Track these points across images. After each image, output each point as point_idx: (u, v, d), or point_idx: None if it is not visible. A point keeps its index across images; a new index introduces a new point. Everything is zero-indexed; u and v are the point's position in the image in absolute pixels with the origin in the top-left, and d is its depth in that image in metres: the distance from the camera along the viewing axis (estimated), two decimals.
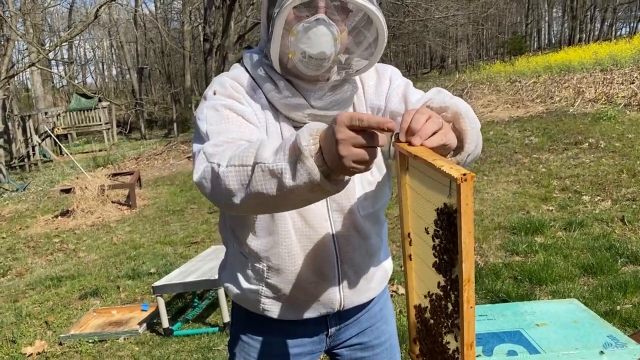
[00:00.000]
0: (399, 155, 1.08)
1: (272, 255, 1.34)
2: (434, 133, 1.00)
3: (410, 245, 1.15)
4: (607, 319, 1.92)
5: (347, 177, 1.00)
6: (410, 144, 0.99)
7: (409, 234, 1.14)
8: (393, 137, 1.04)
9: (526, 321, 1.88)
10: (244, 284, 1.41)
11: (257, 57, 1.33)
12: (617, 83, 12.40)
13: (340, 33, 1.19)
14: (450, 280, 0.99)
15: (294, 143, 0.96)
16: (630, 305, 3.42)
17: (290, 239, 1.32)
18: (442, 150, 1.01)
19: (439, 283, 1.03)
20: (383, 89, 1.36)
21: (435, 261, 1.04)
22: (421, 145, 0.97)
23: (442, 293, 1.03)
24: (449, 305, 1.01)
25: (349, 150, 0.91)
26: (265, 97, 1.30)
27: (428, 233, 1.04)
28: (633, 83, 11.89)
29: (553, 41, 47.66)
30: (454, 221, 0.94)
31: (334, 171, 0.95)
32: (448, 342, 1.05)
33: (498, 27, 38.31)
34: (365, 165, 0.93)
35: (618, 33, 40.63)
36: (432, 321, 1.10)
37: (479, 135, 1.17)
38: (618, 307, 3.38)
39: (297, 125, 1.29)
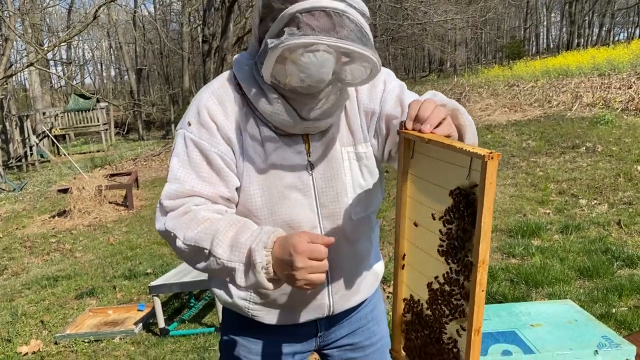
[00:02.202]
0: (404, 144, 1.09)
1: None
2: (440, 123, 1.03)
3: (405, 236, 1.14)
4: (602, 322, 1.92)
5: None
6: (420, 132, 1.01)
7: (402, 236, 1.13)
8: (398, 127, 1.05)
9: (521, 321, 1.88)
10: (234, 291, 1.41)
11: (247, 66, 1.28)
12: (614, 88, 12.45)
13: (338, 61, 1.15)
14: (461, 264, 0.98)
15: (249, 251, 1.10)
16: (625, 308, 3.43)
17: None
18: None
19: (444, 271, 1.02)
20: (377, 92, 1.33)
21: (441, 249, 1.02)
22: (431, 132, 0.99)
23: (447, 280, 1.02)
24: (455, 291, 1.00)
25: (302, 275, 1.05)
26: (251, 107, 1.27)
27: (435, 219, 1.03)
28: (630, 88, 11.94)
29: (551, 46, 47.78)
30: (472, 201, 0.93)
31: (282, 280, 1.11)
32: (446, 332, 1.04)
33: (497, 32, 38.39)
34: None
35: (616, 38, 40.77)
36: (429, 312, 1.08)
37: (475, 133, 1.18)
38: (614, 310, 3.39)
39: (280, 133, 1.27)
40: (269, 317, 1.41)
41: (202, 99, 1.30)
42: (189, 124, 1.28)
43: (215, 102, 1.28)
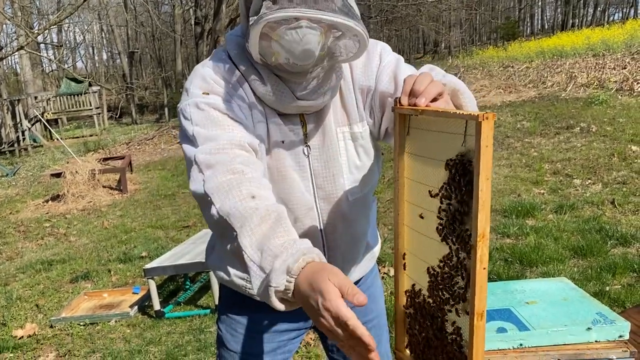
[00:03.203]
0: (399, 120, 1.05)
1: None
2: (436, 99, 1.00)
3: (404, 222, 1.10)
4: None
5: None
6: (415, 105, 0.98)
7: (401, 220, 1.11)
8: (393, 103, 1.02)
9: (516, 299, 1.88)
10: (232, 270, 1.40)
11: (239, 44, 1.25)
12: (609, 68, 12.43)
13: (324, 34, 1.11)
14: (459, 240, 0.92)
15: (271, 269, 0.93)
16: (619, 286, 3.45)
17: None
18: None
19: (444, 253, 0.96)
20: (372, 68, 1.30)
21: (440, 227, 0.96)
22: (427, 106, 0.96)
23: (446, 261, 0.96)
24: (455, 272, 0.94)
25: (328, 321, 0.84)
26: (250, 88, 1.24)
27: (433, 196, 0.98)
28: (625, 68, 11.92)
29: (546, 26, 47.56)
30: (469, 169, 0.88)
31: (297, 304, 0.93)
32: (447, 320, 0.98)
33: (491, 12, 38.10)
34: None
35: (611, 18, 40.63)
36: (430, 300, 1.03)
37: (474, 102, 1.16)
38: (607, 288, 3.42)
39: (279, 113, 1.24)
40: None
41: (204, 71, 1.25)
42: (197, 89, 1.22)
43: (218, 77, 1.24)
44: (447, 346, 0.99)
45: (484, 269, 0.84)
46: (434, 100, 1.01)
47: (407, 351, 1.15)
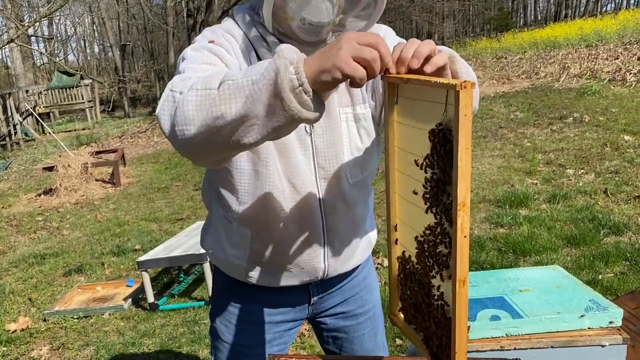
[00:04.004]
0: (387, 88, 1.04)
1: (257, 220, 1.31)
2: (430, 57, 0.94)
3: (395, 190, 1.10)
4: None
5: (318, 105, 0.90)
6: (409, 68, 0.94)
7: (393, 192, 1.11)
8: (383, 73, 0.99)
9: (509, 287, 1.88)
10: (229, 250, 1.39)
11: (249, 16, 1.25)
12: (601, 58, 12.46)
13: (339, 8, 1.13)
14: (442, 210, 0.93)
15: (270, 66, 0.87)
16: (611, 275, 3.47)
17: (277, 204, 1.28)
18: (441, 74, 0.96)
19: (430, 221, 0.97)
20: None
21: (426, 196, 0.97)
22: (417, 71, 0.93)
23: (431, 229, 0.97)
24: (439, 240, 0.95)
25: (352, 47, 0.84)
26: (257, 56, 1.23)
27: (419, 166, 0.98)
28: (617, 58, 11.95)
29: (539, 17, 47.52)
30: (450, 138, 0.88)
31: (317, 78, 0.86)
32: (433, 286, 1.00)
33: (484, 3, 38.05)
34: (365, 69, 0.85)
35: (603, 9, 40.62)
36: (418, 266, 1.05)
37: (476, 88, 1.11)
38: (600, 277, 3.43)
39: None
40: (263, 277, 1.39)
41: (213, 28, 1.26)
42: (204, 38, 1.21)
43: (229, 35, 1.24)
44: (433, 311, 1.02)
45: (465, 237, 0.85)
46: (428, 59, 0.95)
47: (401, 315, 1.18)
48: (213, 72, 1.02)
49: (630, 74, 10.28)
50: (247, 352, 1.48)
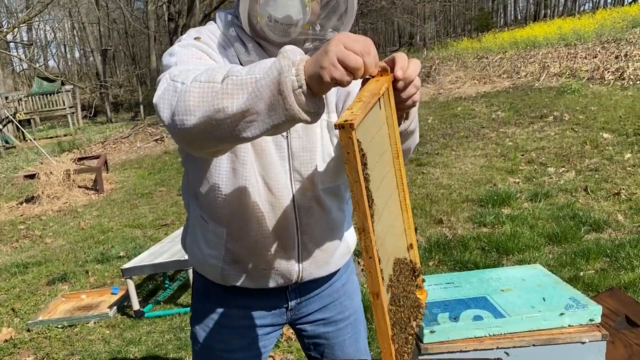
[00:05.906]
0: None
1: (232, 219, 1.32)
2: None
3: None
4: (571, 285, 1.97)
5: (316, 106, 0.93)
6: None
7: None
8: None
9: (492, 287, 1.91)
10: (205, 250, 1.40)
11: (229, 17, 1.30)
12: (580, 57, 12.62)
13: (311, 1, 1.15)
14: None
15: (274, 65, 0.92)
16: (592, 271, 3.52)
17: (252, 204, 1.30)
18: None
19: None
20: None
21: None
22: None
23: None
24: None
25: (338, 48, 0.88)
26: (237, 58, 1.27)
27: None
28: (596, 57, 12.12)
29: (519, 17, 48.04)
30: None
31: (312, 76, 0.89)
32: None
33: (465, 4, 38.31)
34: (349, 71, 0.88)
35: (581, 8, 41.14)
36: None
37: (417, 127, 1.25)
38: (581, 273, 3.49)
39: None
40: (238, 278, 1.40)
41: (198, 27, 1.30)
42: (191, 38, 1.24)
43: (212, 35, 1.29)
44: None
45: (370, 257, 0.90)
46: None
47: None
48: (214, 66, 1.05)
49: (609, 72, 10.43)
50: (227, 357, 1.49)
